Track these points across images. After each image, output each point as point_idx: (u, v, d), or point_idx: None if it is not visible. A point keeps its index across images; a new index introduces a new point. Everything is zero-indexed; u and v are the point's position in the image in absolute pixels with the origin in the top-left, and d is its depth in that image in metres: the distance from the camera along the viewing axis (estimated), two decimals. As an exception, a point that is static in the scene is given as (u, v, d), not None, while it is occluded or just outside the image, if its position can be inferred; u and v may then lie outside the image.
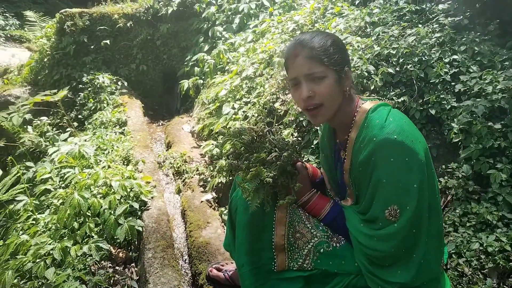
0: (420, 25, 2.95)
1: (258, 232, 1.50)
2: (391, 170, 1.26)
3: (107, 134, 3.96)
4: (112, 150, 3.65)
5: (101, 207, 2.60)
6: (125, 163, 3.45)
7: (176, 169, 3.51)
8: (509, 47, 2.68)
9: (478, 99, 2.37)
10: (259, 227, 1.50)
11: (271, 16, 4.79)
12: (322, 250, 1.46)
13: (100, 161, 3.31)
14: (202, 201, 2.99)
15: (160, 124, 5.03)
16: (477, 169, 2.22)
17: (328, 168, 1.66)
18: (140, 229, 2.59)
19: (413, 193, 1.26)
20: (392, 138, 1.25)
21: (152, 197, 2.91)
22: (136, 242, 2.63)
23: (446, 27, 2.83)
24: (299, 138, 2.85)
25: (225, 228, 2.16)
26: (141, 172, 3.28)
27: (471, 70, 2.56)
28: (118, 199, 2.67)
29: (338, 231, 1.49)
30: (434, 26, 2.88)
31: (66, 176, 2.98)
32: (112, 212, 2.57)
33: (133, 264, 2.49)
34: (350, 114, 1.41)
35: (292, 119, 2.91)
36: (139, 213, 2.76)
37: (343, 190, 1.55)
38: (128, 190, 2.79)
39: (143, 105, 5.13)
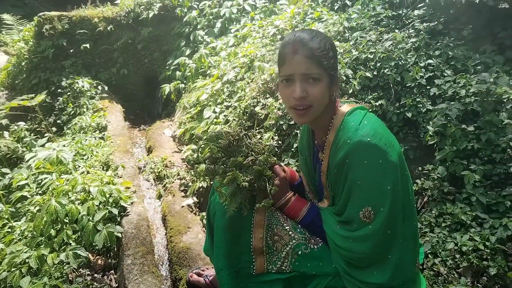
0: (396, 30, 3.01)
1: (236, 236, 1.50)
2: (365, 172, 1.28)
3: (86, 139, 3.90)
4: (91, 156, 3.60)
5: (79, 213, 2.55)
6: (104, 169, 3.41)
7: (157, 174, 3.48)
8: (482, 52, 2.76)
9: (452, 102, 2.44)
10: (237, 231, 1.50)
11: (252, 21, 4.81)
12: (300, 252, 1.46)
13: (79, 166, 3.26)
14: (183, 206, 2.97)
15: (141, 128, 4.98)
16: (452, 171, 2.27)
17: (306, 170, 1.67)
18: (120, 235, 2.55)
19: (387, 195, 1.28)
20: (366, 141, 1.27)
21: (132, 203, 2.88)
22: (115, 249, 2.59)
23: (422, 32, 2.90)
24: (279, 142, 2.87)
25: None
26: (121, 177, 3.25)
27: (446, 74, 2.63)
28: (96, 205, 2.63)
29: (316, 233, 1.50)
30: (410, 31, 2.94)
31: (43, 183, 2.93)
32: (91, 219, 2.53)
33: (112, 271, 2.45)
34: (329, 117, 1.43)
35: (273, 122, 2.93)
36: (119, 219, 2.72)
37: (321, 192, 1.56)
38: (107, 195, 2.76)
39: (124, 109, 5.08)
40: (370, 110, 1.60)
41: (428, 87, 2.61)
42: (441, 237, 2.05)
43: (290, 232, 1.49)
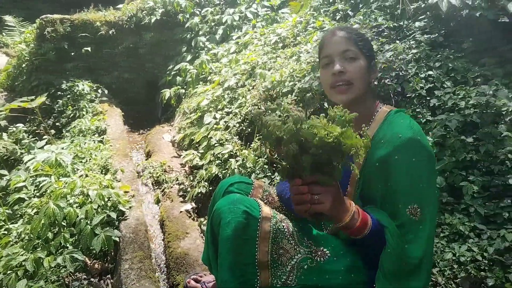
0: (397, 41, 3.04)
1: (241, 246, 1.45)
2: (414, 169, 1.28)
3: (85, 142, 3.90)
4: (90, 159, 3.59)
5: (77, 216, 2.54)
6: (103, 172, 3.40)
7: (156, 178, 3.48)
8: (481, 65, 2.78)
9: (451, 114, 2.45)
10: (242, 240, 1.46)
11: (254, 28, 4.85)
12: (306, 266, 1.41)
13: (78, 169, 3.25)
14: (181, 211, 2.97)
15: (141, 133, 4.98)
16: (451, 181, 2.28)
17: None
18: (117, 239, 2.54)
19: (432, 195, 1.30)
20: (417, 138, 1.29)
21: (130, 207, 2.87)
22: (112, 253, 2.58)
23: (422, 43, 2.93)
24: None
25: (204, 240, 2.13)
26: (119, 181, 3.24)
27: (446, 86, 2.65)
28: (95, 209, 2.62)
29: (376, 243, 1.32)
30: (411, 42, 2.97)
31: (41, 185, 2.92)
32: (89, 222, 2.52)
33: (109, 276, 2.44)
34: (370, 109, 1.46)
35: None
36: (117, 223, 2.71)
37: (343, 188, 1.48)
38: (106, 199, 2.75)
39: (123, 113, 5.08)
40: None
41: (428, 98, 2.63)
42: (439, 247, 2.06)
43: (295, 246, 1.44)
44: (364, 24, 3.28)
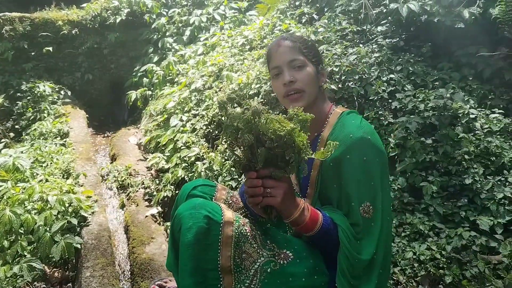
0: (361, 45, 3.11)
1: (203, 252, 1.43)
2: (364, 167, 1.32)
3: (46, 146, 3.75)
4: (51, 163, 3.46)
5: (36, 223, 2.44)
6: (65, 177, 3.28)
7: (121, 182, 3.39)
8: (439, 68, 2.90)
9: (412, 116, 2.54)
10: (204, 246, 1.44)
11: (222, 30, 4.83)
12: (269, 269, 1.40)
13: (37, 174, 3.12)
14: (146, 216, 2.91)
15: (106, 135, 4.85)
16: (412, 182, 2.35)
17: None
18: (79, 246, 2.46)
19: (384, 192, 1.34)
20: (367, 138, 1.33)
21: (92, 212, 2.78)
22: (74, 261, 2.49)
23: (384, 47, 3.01)
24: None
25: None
26: (82, 186, 3.14)
27: (406, 89, 2.73)
28: (55, 215, 2.52)
29: (328, 243, 1.36)
30: (374, 46, 3.05)
31: (-3, 191, 2.78)
32: (48, 229, 2.42)
33: (70, 284, 2.35)
34: (324, 113, 1.50)
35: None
36: (78, 229, 2.62)
37: (304, 190, 1.55)
38: (67, 205, 2.65)
39: (87, 115, 4.92)
40: None
41: (390, 100, 2.70)
42: (400, 246, 2.12)
43: (258, 250, 1.42)
44: (329, 28, 3.33)
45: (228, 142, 1.28)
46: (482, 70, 2.80)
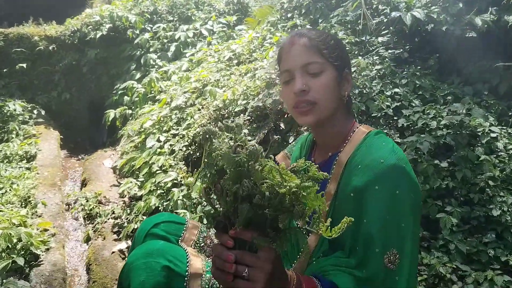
0: (360, 57, 2.79)
1: None
2: (395, 204, 1.00)
3: (7, 170, 3.32)
4: (10, 189, 3.03)
5: (-29, 265, 2.00)
6: (23, 205, 2.85)
7: (88, 212, 2.96)
8: (450, 83, 2.57)
9: (422, 135, 2.18)
10: None
11: (209, 46, 4.52)
12: None
13: (-11, 203, 2.69)
14: (113, 252, 2.47)
15: (80, 158, 4.43)
16: (426, 212, 1.97)
17: None
18: (25, 292, 2.01)
19: (413, 237, 1.02)
20: (402, 166, 1.02)
21: (47, 249, 2.35)
22: (18, 310, 2.04)
23: (386, 59, 2.69)
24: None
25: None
26: (40, 216, 2.71)
27: (414, 104, 2.40)
28: (-3, 254, 2.09)
29: None
30: (374, 58, 2.73)
31: None
32: (-15, 272, 1.98)
33: None
34: (344, 129, 1.19)
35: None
36: (27, 270, 2.18)
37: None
38: (15, 240, 2.22)
39: (62, 136, 4.52)
40: None
41: (395, 117, 2.36)
42: (417, 295, 1.71)
43: None
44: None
45: (205, 185, 0.89)
46: (497, 84, 2.48)
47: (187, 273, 1.09)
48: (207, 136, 0.88)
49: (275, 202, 0.78)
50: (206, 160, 0.88)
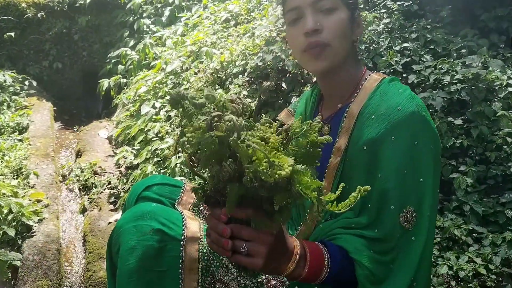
0: (366, 11, 2.59)
1: (154, 283, 0.95)
2: (414, 156, 0.90)
3: (-1, 142, 3.21)
4: (1, 161, 2.92)
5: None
6: (15, 177, 2.75)
7: (83, 182, 2.86)
8: (463, 36, 2.39)
9: (434, 91, 2.03)
10: (155, 275, 0.96)
11: (205, 9, 4.30)
12: None
13: (-20, 175, 2.58)
14: (110, 222, 2.38)
15: (75, 130, 4.30)
16: (438, 173, 1.85)
17: None
18: (18, 263, 1.94)
19: (433, 193, 0.92)
20: (422, 114, 0.92)
21: (40, 220, 2.26)
22: (12, 281, 1.97)
23: (395, 12, 2.50)
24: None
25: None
26: (32, 187, 2.61)
27: (425, 59, 2.24)
28: (-13, 225, 2.00)
29: (339, 285, 0.94)
30: (382, 11, 2.55)
31: None
32: (-26, 244, 1.89)
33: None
34: (355, 77, 1.06)
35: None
36: (20, 241, 2.10)
37: None
38: (5, 211, 2.12)
39: (55, 108, 4.38)
40: None
41: (405, 74, 2.20)
42: (430, 258, 1.61)
43: (238, 277, 0.99)
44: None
45: (188, 153, 0.74)
46: (515, 35, 2.30)
47: (183, 236, 0.98)
48: (176, 102, 0.74)
49: (267, 184, 0.64)
50: (182, 125, 0.74)
